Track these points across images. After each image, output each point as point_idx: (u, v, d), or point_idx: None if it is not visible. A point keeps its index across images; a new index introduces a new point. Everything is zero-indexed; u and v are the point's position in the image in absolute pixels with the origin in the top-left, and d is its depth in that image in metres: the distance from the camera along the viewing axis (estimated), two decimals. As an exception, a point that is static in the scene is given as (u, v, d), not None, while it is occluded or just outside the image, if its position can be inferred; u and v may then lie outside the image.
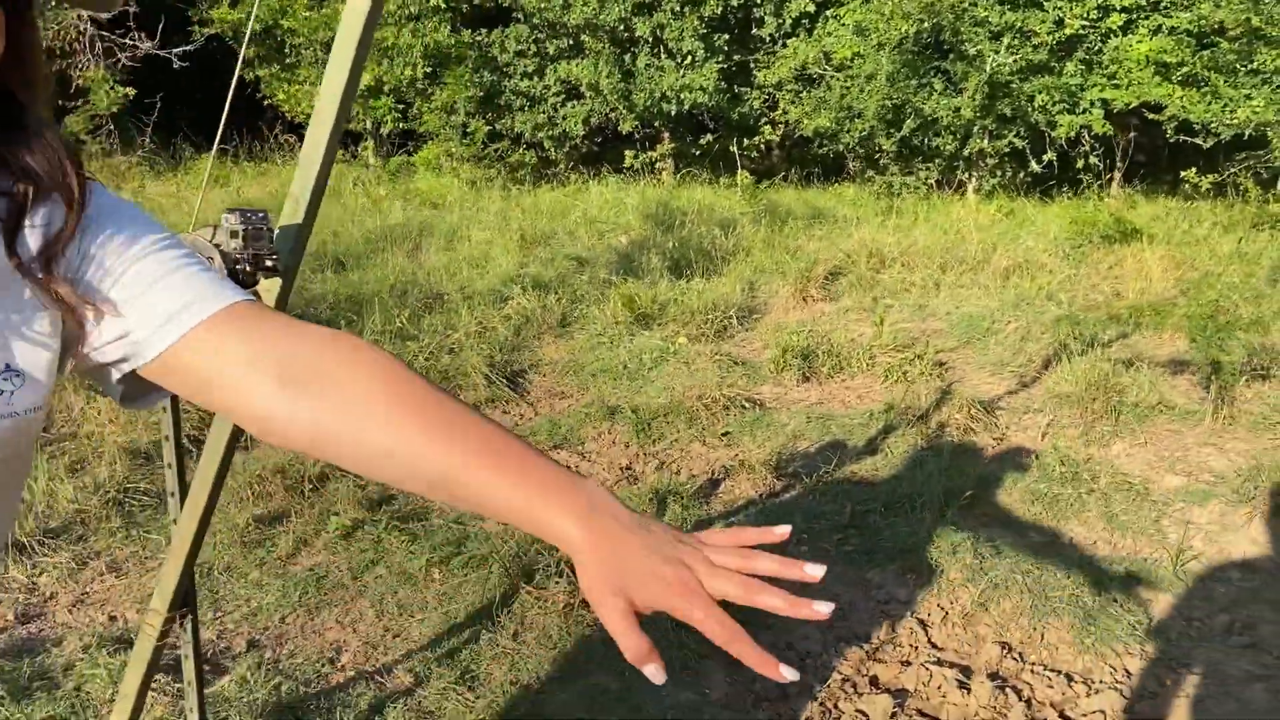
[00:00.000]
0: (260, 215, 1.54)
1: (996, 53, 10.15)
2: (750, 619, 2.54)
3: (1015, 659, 2.83)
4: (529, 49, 12.20)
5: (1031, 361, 5.43)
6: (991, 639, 2.92)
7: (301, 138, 10.74)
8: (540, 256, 7.86)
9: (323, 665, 2.64)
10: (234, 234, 1.52)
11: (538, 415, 4.85)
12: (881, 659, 2.84)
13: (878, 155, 11.62)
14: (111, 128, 11.19)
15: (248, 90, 13.55)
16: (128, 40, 10.85)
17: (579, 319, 6.34)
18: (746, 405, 4.84)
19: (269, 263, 1.57)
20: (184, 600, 1.88)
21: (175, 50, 11.32)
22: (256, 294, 1.63)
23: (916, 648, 2.91)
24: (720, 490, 3.96)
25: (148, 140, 12.63)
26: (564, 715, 2.48)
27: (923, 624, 3.02)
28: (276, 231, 1.58)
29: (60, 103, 11.08)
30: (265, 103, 13.31)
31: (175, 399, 1.69)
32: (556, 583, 2.92)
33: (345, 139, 13.55)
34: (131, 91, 11.14)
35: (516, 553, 3.09)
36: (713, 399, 4.78)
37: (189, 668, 1.93)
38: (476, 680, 2.59)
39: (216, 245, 1.54)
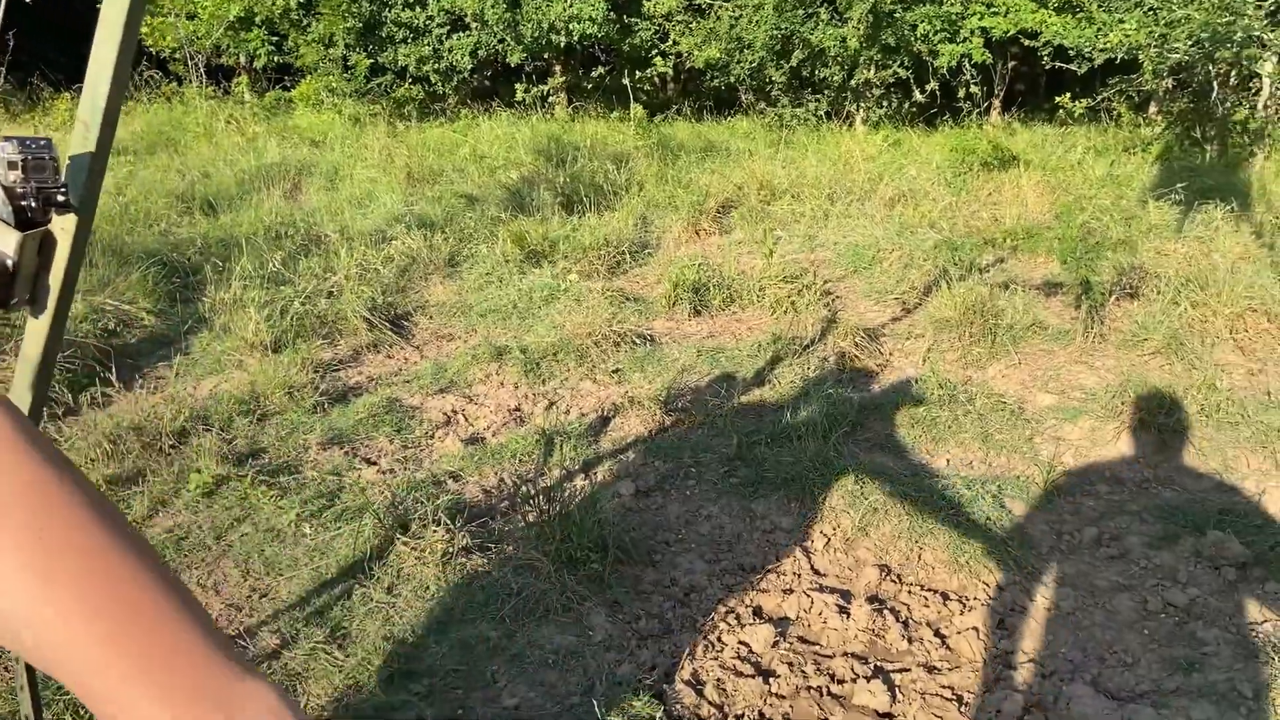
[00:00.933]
0: (42, 143, 1.37)
1: (881, -20, 10.16)
2: (633, 554, 2.47)
3: (894, 581, 2.88)
4: (409, -23, 11.65)
5: (914, 288, 5.51)
6: (871, 562, 2.97)
7: (167, 73, 9.98)
8: (427, 195, 7.60)
9: (183, 630, 2.51)
10: (12, 165, 1.34)
11: (423, 359, 4.70)
12: (765, 589, 2.86)
13: (768, 87, 11.58)
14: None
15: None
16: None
17: (467, 258, 6.16)
18: (638, 341, 4.78)
19: (60, 198, 1.40)
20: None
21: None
22: (50, 234, 1.46)
23: (799, 575, 2.93)
24: (610, 428, 3.91)
25: (2, 80, 11.69)
26: (441, 667, 2.42)
27: (806, 551, 3.05)
28: (67, 163, 1.41)
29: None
30: (125, 36, 12.43)
31: (6, 307, 1.48)
32: (434, 531, 2.83)
33: (216, 74, 12.79)
34: (-26, 25, 10.25)
35: (392, 502, 2.98)
36: (603, 336, 4.71)
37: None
38: (348, 638, 2.50)
39: (10, 183, 1.36)
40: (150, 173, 8.13)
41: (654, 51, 12.25)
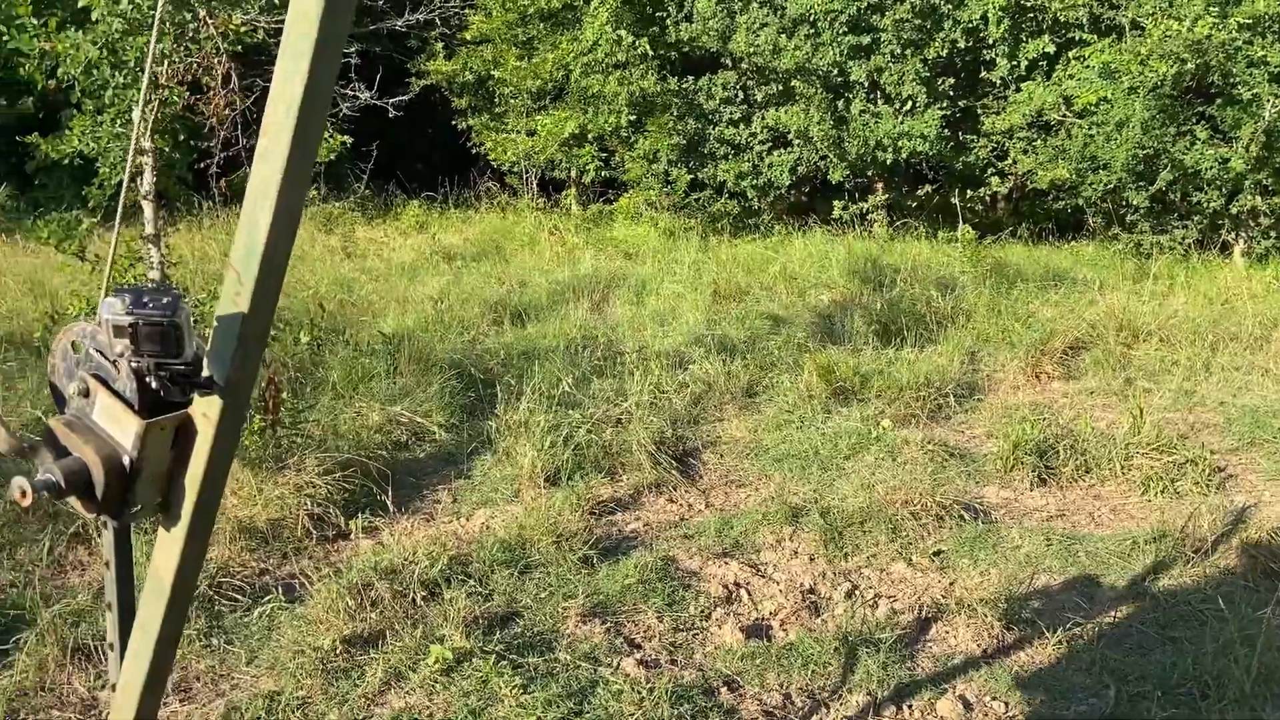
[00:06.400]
0: (165, 301, 0.93)
1: (1277, 96, 8.68)
2: None
3: None
4: (736, 95, 11.67)
5: (1350, 478, 4.19)
6: None
7: (504, 186, 10.49)
8: (732, 313, 7.20)
9: None
10: (119, 330, 0.92)
11: (708, 508, 4.13)
12: None
13: (1124, 211, 10.22)
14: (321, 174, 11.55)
15: (461, 140, 13.81)
16: (348, 90, 11.21)
17: (767, 389, 5.60)
18: (966, 516, 3.91)
19: (193, 376, 0.96)
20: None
21: (392, 100, 11.59)
22: (189, 421, 1.03)
23: None
24: (930, 636, 3.09)
25: (363, 187, 13.05)
26: None
27: None
28: (215, 325, 0.98)
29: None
30: (474, 151, 13.50)
31: (121, 518, 1.08)
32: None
33: (548, 188, 13.49)
34: (349, 139, 11.51)
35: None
36: (923, 505, 3.90)
37: None
38: None
39: (117, 354, 0.94)
40: (473, 279, 8.43)
41: (989, 170, 11.31)
